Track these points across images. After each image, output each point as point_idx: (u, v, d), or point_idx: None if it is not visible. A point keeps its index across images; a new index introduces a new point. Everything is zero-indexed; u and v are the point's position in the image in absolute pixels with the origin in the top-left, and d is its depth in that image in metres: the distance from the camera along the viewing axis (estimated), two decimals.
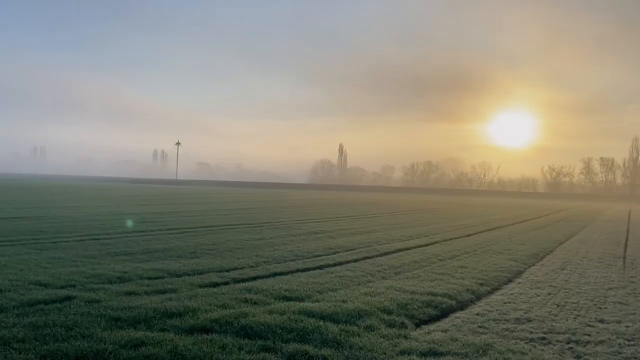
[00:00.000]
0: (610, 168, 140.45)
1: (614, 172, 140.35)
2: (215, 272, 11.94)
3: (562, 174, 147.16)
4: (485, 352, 6.88)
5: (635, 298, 10.82)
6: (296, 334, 7.25)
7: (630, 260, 16.66)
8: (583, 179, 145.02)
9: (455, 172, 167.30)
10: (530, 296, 10.74)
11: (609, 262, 16.23)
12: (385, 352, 6.75)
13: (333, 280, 11.29)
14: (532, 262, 15.55)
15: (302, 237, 19.76)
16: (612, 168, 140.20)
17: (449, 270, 13.32)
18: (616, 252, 18.75)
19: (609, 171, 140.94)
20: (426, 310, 9.11)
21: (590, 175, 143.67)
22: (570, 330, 8.13)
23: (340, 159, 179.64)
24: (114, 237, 17.80)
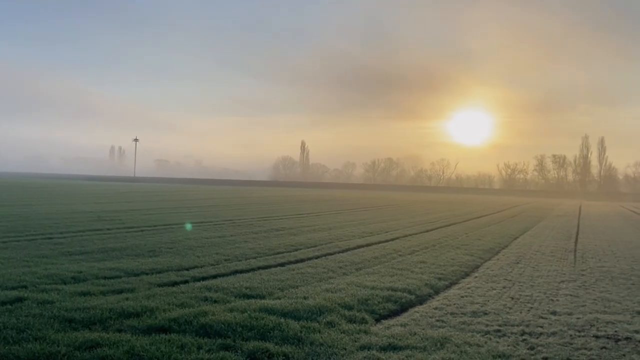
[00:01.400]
0: (562, 165, 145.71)
1: (566, 169, 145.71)
2: (174, 270, 11.75)
3: (516, 170, 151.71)
4: (443, 345, 7.02)
5: (585, 290, 11.25)
6: (257, 331, 7.22)
7: (581, 254, 17.32)
8: (536, 176, 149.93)
9: (415, 169, 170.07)
10: (486, 290, 11.03)
11: (561, 256, 16.83)
12: (345, 347, 6.79)
13: (294, 277, 11.29)
14: (488, 257, 15.96)
15: (264, 234, 19.67)
16: (564, 165, 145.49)
17: (408, 265, 13.52)
18: (567, 246, 19.46)
19: (561, 168, 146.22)
20: (386, 305, 9.23)
21: (543, 172, 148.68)
22: (524, 323, 8.39)
23: (302, 156, 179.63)
24: (67, 236, 17.25)
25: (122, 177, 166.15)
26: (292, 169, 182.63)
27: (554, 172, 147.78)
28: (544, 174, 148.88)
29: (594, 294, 10.90)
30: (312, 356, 6.46)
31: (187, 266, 12.32)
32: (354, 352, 6.64)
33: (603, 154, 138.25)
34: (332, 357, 6.47)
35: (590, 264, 15.05)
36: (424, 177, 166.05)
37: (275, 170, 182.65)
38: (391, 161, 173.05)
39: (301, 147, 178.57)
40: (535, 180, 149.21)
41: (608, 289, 11.41)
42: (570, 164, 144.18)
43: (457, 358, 6.50)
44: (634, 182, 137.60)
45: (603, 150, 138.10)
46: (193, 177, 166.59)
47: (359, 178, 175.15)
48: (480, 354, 6.69)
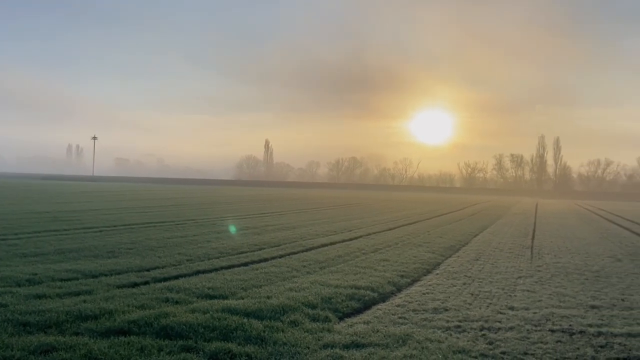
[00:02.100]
0: (520, 164, 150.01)
1: (523, 168, 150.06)
2: (134, 271, 11.50)
3: (476, 169, 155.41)
4: (405, 342, 7.11)
5: (541, 286, 11.60)
6: (219, 332, 7.14)
7: (537, 251, 17.85)
8: (495, 175, 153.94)
9: (379, 168, 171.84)
10: (447, 286, 11.23)
11: (518, 252, 17.31)
12: (308, 346, 6.80)
13: (258, 277, 11.22)
14: (449, 254, 16.27)
15: (227, 233, 19.50)
16: (522, 164, 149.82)
17: (371, 263, 13.64)
18: (524, 243, 20.02)
19: (519, 167, 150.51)
20: (349, 303, 9.28)
21: (502, 171, 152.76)
22: (484, 318, 8.59)
23: (266, 155, 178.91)
24: (22, 237, 16.66)
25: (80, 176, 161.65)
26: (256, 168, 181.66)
27: (512, 171, 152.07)
28: (502, 172, 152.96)
29: (550, 289, 11.25)
30: (275, 356, 6.44)
31: (148, 267, 12.08)
32: (317, 351, 6.65)
33: (558, 153, 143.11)
34: (295, 356, 6.46)
35: (546, 260, 15.52)
36: (387, 176, 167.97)
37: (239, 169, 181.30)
38: (355, 160, 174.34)
39: (265, 146, 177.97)
40: (494, 179, 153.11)
41: (563, 284, 11.79)
42: (527, 163, 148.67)
43: (419, 354, 6.59)
44: (587, 181, 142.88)
45: (558, 149, 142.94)
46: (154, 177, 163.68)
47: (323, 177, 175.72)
48: (441, 349, 6.81)
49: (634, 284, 12.03)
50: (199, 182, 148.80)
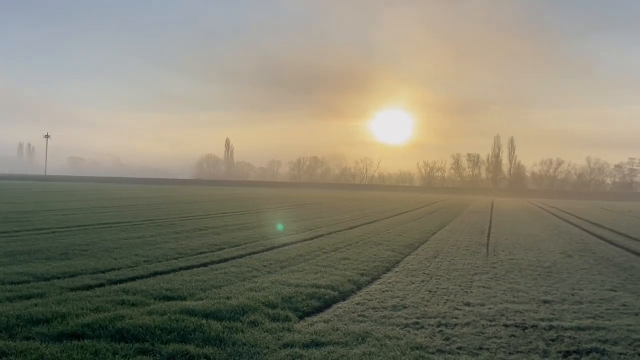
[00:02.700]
0: (477, 164, 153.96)
1: (480, 167, 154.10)
2: (89, 274, 11.18)
3: (435, 169, 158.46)
4: (365, 339, 7.18)
5: (496, 282, 11.92)
6: (177, 334, 7.02)
7: (493, 248, 18.34)
8: (453, 174, 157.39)
9: (340, 167, 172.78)
10: (406, 284, 11.40)
11: (475, 250, 17.73)
12: (268, 346, 6.77)
13: (218, 278, 11.10)
14: (408, 252, 16.51)
15: (186, 234, 19.19)
16: (478, 163, 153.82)
17: (332, 262, 13.70)
18: (481, 241, 20.53)
19: (475, 166, 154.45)
20: (310, 302, 9.29)
21: (460, 170, 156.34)
22: (441, 315, 8.76)
23: (227, 154, 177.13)
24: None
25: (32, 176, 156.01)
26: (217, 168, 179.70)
27: (469, 171, 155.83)
28: (460, 172, 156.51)
29: (505, 285, 11.57)
30: (235, 357, 6.38)
31: (103, 269, 11.77)
32: (277, 351, 6.64)
33: (513, 153, 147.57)
34: (255, 356, 6.42)
35: (501, 257, 15.96)
36: (348, 175, 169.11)
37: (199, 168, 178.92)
38: (317, 160, 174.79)
39: (226, 145, 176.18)
40: (452, 178, 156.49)
41: (517, 280, 12.15)
42: (483, 162, 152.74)
43: (378, 352, 6.66)
44: (541, 180, 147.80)
45: (513, 149, 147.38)
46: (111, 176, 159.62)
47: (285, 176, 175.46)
48: (400, 346, 6.91)
49: (584, 280, 12.51)
50: (158, 181, 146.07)
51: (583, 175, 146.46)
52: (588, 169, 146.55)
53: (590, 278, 12.74)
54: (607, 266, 14.81)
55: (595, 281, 12.32)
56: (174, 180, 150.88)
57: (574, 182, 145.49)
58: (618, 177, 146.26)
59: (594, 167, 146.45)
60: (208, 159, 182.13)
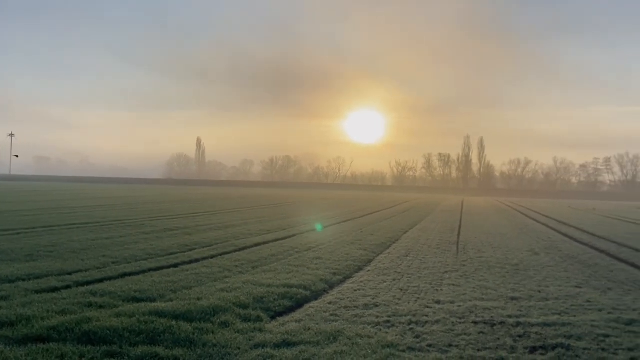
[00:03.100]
0: (447, 163, 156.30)
1: (450, 167, 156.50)
2: (55, 275, 10.90)
3: (407, 168, 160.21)
4: (336, 338, 7.20)
5: (466, 280, 12.10)
6: (146, 336, 6.91)
7: (463, 246, 18.62)
8: (424, 173, 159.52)
9: (313, 166, 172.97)
10: (378, 283, 11.47)
11: (445, 248, 17.97)
12: (239, 347, 6.72)
13: (188, 278, 10.96)
14: (380, 251, 16.63)
15: (156, 234, 18.91)
16: (449, 163, 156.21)
17: (304, 261, 13.69)
18: (451, 239, 20.82)
19: (446, 166, 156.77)
20: (282, 302, 9.27)
21: (431, 170, 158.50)
22: (412, 312, 8.84)
23: (198, 153, 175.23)
24: None
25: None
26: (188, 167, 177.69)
27: (440, 170, 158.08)
28: (431, 171, 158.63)
29: (474, 282, 11.76)
30: (205, 358, 6.32)
31: (70, 270, 11.49)
32: (248, 351, 6.60)
33: (482, 152, 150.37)
34: (226, 357, 6.37)
35: (471, 255, 16.22)
36: (321, 174, 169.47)
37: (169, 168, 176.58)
38: (289, 159, 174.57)
39: (197, 144, 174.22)
40: (424, 177, 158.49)
41: (486, 278, 12.37)
42: (454, 162, 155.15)
43: (349, 350, 6.69)
44: (509, 179, 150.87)
45: (482, 149, 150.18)
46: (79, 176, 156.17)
47: (257, 176, 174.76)
48: (371, 345, 6.95)
49: (550, 276, 12.81)
50: (127, 181, 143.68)
51: (549, 174, 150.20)
52: (554, 168, 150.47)
53: (556, 275, 13.05)
54: (572, 263, 15.20)
55: (560, 278, 12.63)
56: (143, 180, 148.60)
57: (541, 181, 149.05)
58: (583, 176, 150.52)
59: (560, 167, 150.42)
60: (179, 158, 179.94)
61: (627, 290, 11.40)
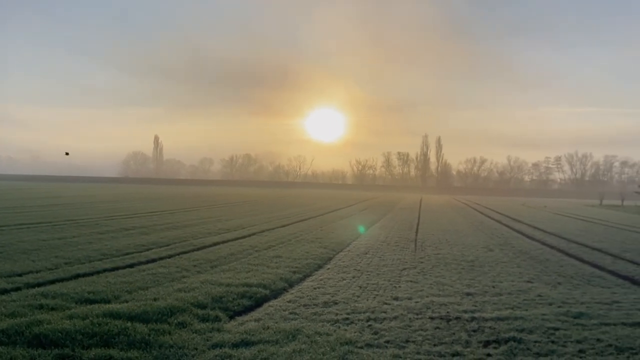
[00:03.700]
0: (406, 161, 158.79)
1: (409, 165, 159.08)
2: (4, 277, 10.49)
3: (366, 166, 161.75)
4: (295, 337, 7.21)
5: (423, 276, 12.33)
6: (99, 338, 6.74)
7: (420, 243, 18.95)
8: (384, 172, 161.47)
9: (273, 165, 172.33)
10: (338, 280, 11.55)
11: (404, 245, 18.25)
12: (196, 347, 6.64)
13: (144, 279, 10.74)
14: (340, 249, 16.73)
15: (111, 234, 18.43)
16: (407, 161, 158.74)
17: (264, 260, 13.64)
18: (409, 236, 21.16)
19: (405, 164, 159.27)
20: (241, 301, 9.21)
21: (390, 168, 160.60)
22: (370, 309, 8.95)
23: (155, 151, 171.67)
24: None
25: None
26: (145, 165, 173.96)
27: (399, 168, 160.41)
28: (390, 170, 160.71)
29: (431, 279, 11.99)
30: (161, 359, 6.21)
31: (20, 272, 11.07)
32: (206, 352, 6.52)
33: (440, 151, 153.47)
34: (182, 358, 6.28)
35: (428, 252, 16.53)
36: (281, 173, 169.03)
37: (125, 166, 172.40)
38: (250, 157, 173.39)
39: (154, 141, 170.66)
40: (383, 176, 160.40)
41: (442, 274, 12.63)
42: (412, 160, 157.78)
43: (307, 348, 6.71)
44: (465, 177, 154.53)
45: (440, 148, 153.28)
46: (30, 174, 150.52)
47: (217, 174, 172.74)
48: (329, 342, 6.99)
49: (503, 272, 13.19)
50: (82, 179, 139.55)
51: (504, 172, 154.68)
52: (508, 167, 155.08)
53: (509, 270, 13.45)
54: (524, 259, 15.70)
55: (513, 273, 13.03)
56: (98, 178, 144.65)
57: (496, 179, 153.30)
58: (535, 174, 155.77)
59: (513, 165, 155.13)
60: (135, 156, 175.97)
61: (575, 284, 11.86)
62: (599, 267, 14.49)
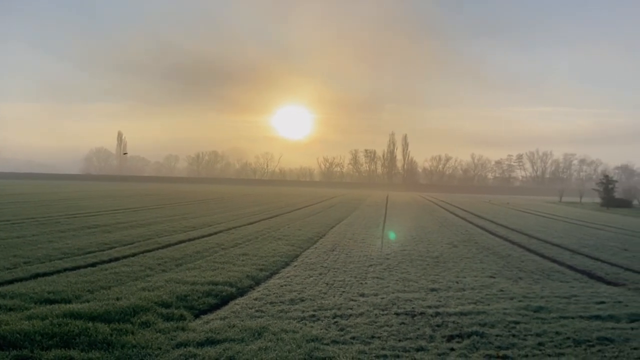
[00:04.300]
0: (373, 159, 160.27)
1: (376, 163, 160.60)
2: None
3: (334, 164, 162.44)
4: (261, 334, 7.18)
5: (389, 273, 12.46)
6: (59, 339, 6.56)
7: (387, 240, 19.14)
8: (351, 169, 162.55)
9: (240, 162, 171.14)
10: (304, 277, 11.56)
11: (370, 242, 18.40)
12: (160, 347, 6.54)
13: (107, 278, 10.51)
14: (307, 246, 16.75)
15: (73, 232, 17.96)
16: (374, 159, 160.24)
17: (231, 258, 13.54)
18: (376, 233, 21.35)
19: (372, 162, 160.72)
20: (206, 299, 9.11)
21: (357, 166, 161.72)
22: (337, 306, 8.99)
23: (119, 148, 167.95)
24: None
25: None
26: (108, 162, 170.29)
27: (366, 166, 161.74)
28: (357, 167, 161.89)
29: (396, 275, 12.14)
30: (123, 359, 6.09)
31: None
32: (170, 351, 6.43)
33: (406, 149, 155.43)
34: (146, 358, 6.17)
35: (394, 249, 16.71)
36: (248, 170, 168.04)
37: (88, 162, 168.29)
38: (216, 154, 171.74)
39: (118, 138, 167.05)
40: (350, 173, 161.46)
41: (408, 270, 12.80)
42: (379, 158, 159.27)
43: (273, 346, 6.69)
44: (431, 175, 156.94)
45: (406, 146, 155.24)
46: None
47: (183, 171, 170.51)
48: (296, 339, 6.99)
49: (467, 268, 13.46)
50: (43, 176, 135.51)
51: (468, 170, 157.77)
52: (472, 164, 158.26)
53: (472, 266, 13.73)
54: (487, 255, 16.05)
55: (477, 269, 13.31)
56: (60, 175, 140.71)
57: (460, 176, 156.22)
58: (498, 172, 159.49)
59: (477, 163, 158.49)
60: (98, 153, 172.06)
61: (536, 279, 12.20)
62: (558, 262, 14.94)
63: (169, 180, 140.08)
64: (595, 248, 18.39)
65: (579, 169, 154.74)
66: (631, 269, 13.98)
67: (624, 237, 23.45)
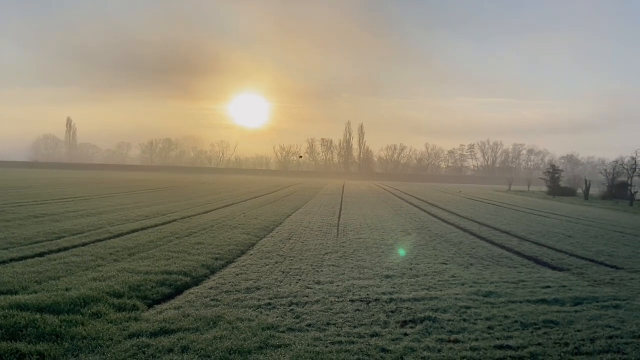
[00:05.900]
0: (330, 148, 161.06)
1: (332, 152, 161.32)
2: None
3: (291, 153, 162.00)
4: (216, 324, 7.13)
5: (345, 260, 12.59)
6: (5, 331, 6.31)
7: (343, 228, 19.32)
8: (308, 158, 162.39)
9: (196, 150, 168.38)
10: (260, 266, 11.53)
11: (327, 230, 18.52)
12: (112, 338, 6.39)
13: (56, 268, 10.17)
14: (263, 235, 16.70)
15: (19, 222, 17.24)
16: (331, 148, 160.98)
17: (185, 247, 13.34)
18: (332, 222, 21.50)
19: (328, 151, 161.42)
20: (160, 289, 8.96)
21: (314, 155, 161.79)
22: (293, 294, 9.02)
23: (68, 135, 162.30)
24: None
25: None
26: (57, 149, 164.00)
27: (322, 155, 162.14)
28: (314, 156, 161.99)
29: (352, 262, 12.28)
30: (73, 351, 5.93)
31: None
32: (122, 342, 6.30)
33: (362, 138, 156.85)
34: (97, 349, 6.03)
35: (350, 237, 16.89)
36: (204, 158, 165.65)
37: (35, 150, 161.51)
38: (170, 142, 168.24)
39: (67, 124, 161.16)
40: (307, 162, 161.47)
41: (363, 258, 12.97)
42: (336, 147, 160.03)
43: (229, 335, 6.66)
44: (386, 164, 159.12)
45: (362, 135, 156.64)
46: None
47: (135, 159, 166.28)
48: (251, 328, 6.98)
49: (420, 255, 13.76)
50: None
51: (422, 159, 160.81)
52: (426, 154, 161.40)
53: (426, 253, 14.05)
54: (440, 242, 16.45)
55: (430, 256, 13.62)
56: (5, 163, 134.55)
57: (415, 166, 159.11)
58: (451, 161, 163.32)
59: (431, 153, 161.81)
60: (46, 140, 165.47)
61: (486, 265, 12.61)
62: (507, 249, 15.48)
63: (121, 169, 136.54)
64: (542, 235, 19.14)
65: (528, 158, 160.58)
66: (575, 255, 14.65)
67: (568, 224, 24.52)
